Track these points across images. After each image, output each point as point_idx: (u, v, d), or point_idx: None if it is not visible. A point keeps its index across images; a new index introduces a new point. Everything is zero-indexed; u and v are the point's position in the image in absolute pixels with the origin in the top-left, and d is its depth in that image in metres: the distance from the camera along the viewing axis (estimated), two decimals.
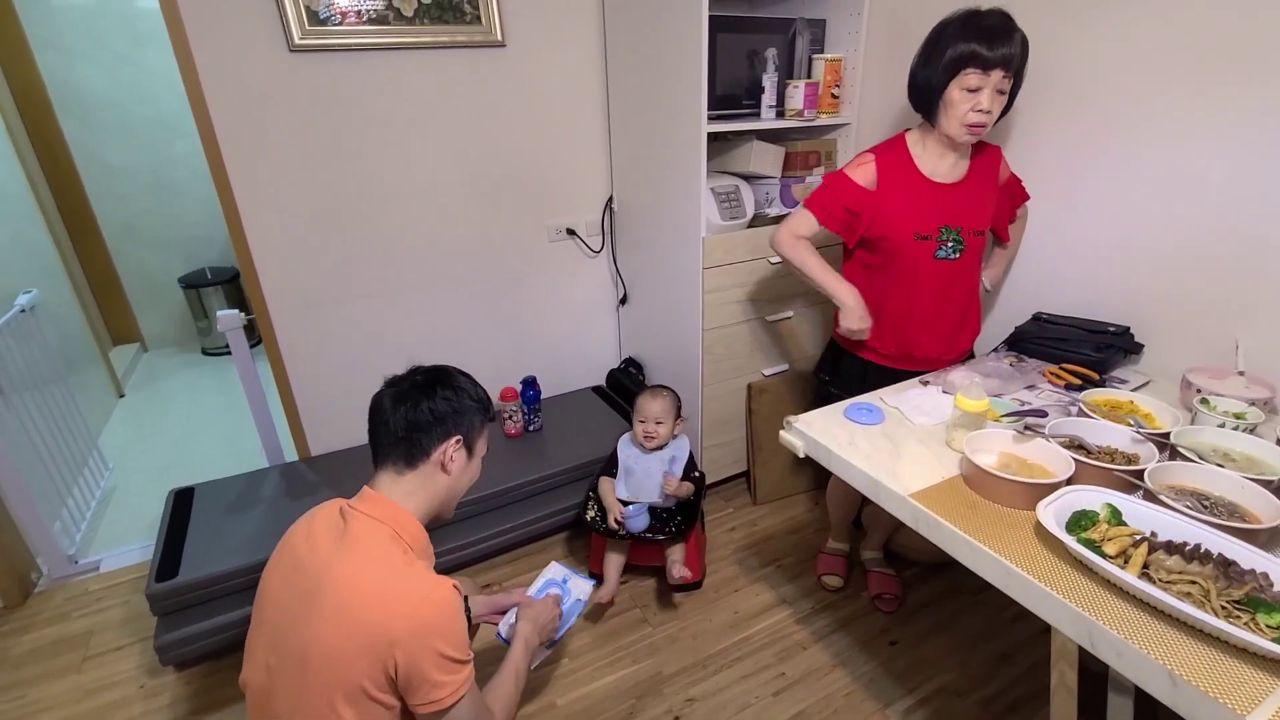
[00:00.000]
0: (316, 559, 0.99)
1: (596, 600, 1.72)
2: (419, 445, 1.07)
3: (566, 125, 2.18)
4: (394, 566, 0.97)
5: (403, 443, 1.07)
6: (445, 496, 1.13)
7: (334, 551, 0.98)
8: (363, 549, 0.98)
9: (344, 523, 1.03)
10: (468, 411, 1.12)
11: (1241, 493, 0.98)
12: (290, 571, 1.02)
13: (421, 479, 1.08)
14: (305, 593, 0.96)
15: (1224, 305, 1.36)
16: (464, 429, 1.11)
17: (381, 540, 1.00)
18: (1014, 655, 1.64)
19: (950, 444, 1.21)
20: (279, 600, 1.01)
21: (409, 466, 1.08)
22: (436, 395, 1.09)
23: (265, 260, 1.89)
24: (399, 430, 1.07)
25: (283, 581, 1.02)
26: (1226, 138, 1.29)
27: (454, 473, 1.11)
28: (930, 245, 1.44)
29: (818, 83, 1.90)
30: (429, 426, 1.08)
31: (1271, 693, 0.71)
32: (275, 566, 1.06)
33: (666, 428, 1.82)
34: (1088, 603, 0.84)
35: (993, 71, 1.27)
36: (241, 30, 1.68)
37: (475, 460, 1.17)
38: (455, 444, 1.10)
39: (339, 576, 0.94)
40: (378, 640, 0.90)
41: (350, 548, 0.98)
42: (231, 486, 1.98)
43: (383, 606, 0.92)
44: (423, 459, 1.08)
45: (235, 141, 1.76)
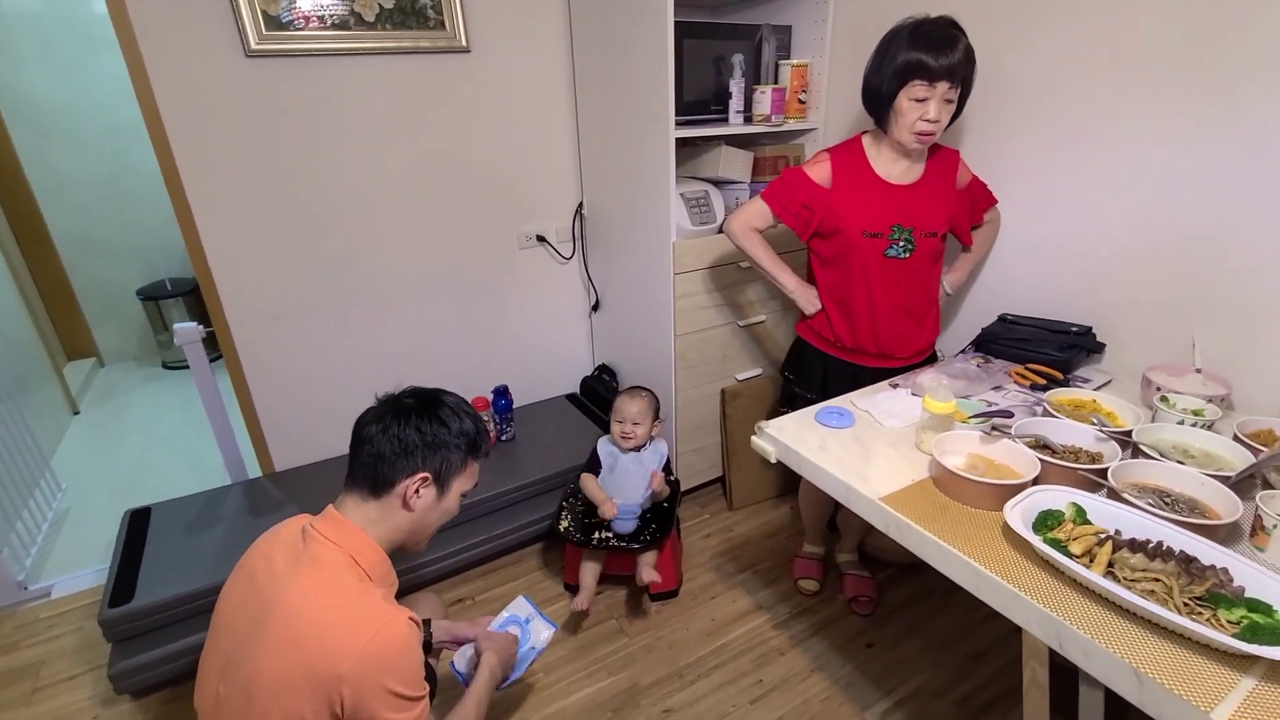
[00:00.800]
0: (272, 582, 0.95)
1: (573, 609, 1.70)
2: (382, 475, 1.00)
3: (534, 131, 2.16)
4: (346, 597, 0.92)
5: (368, 469, 1.01)
6: (409, 530, 1.05)
7: (288, 575, 0.94)
8: (317, 575, 0.94)
9: (303, 544, 0.98)
10: (445, 446, 1.04)
11: (1201, 489, 0.99)
12: (244, 593, 0.98)
13: (384, 509, 1.02)
14: (255, 619, 0.92)
15: (1181, 304, 1.39)
16: (436, 465, 1.03)
17: (338, 567, 0.95)
18: (987, 654, 1.65)
19: (919, 446, 1.22)
20: (231, 623, 0.97)
21: (372, 494, 1.01)
22: (411, 424, 1.01)
23: (224, 271, 1.84)
24: (366, 455, 1.01)
25: (235, 604, 0.98)
26: (1178, 143, 1.32)
27: (418, 510, 1.03)
28: (880, 244, 1.45)
29: (784, 88, 1.91)
30: (395, 458, 1.00)
31: (1234, 688, 0.72)
32: (232, 586, 1.02)
33: (644, 428, 1.81)
34: (1055, 603, 0.85)
35: (938, 83, 1.30)
36: (195, 35, 1.63)
37: (449, 498, 1.08)
38: (421, 480, 1.02)
39: (289, 604, 0.90)
40: (324, 675, 0.86)
41: (305, 572, 0.94)
42: (191, 505, 1.91)
43: (332, 640, 0.87)
44: (386, 490, 1.01)
45: (190, 149, 1.71)
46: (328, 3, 1.74)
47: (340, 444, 2.11)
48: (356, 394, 2.11)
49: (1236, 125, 1.24)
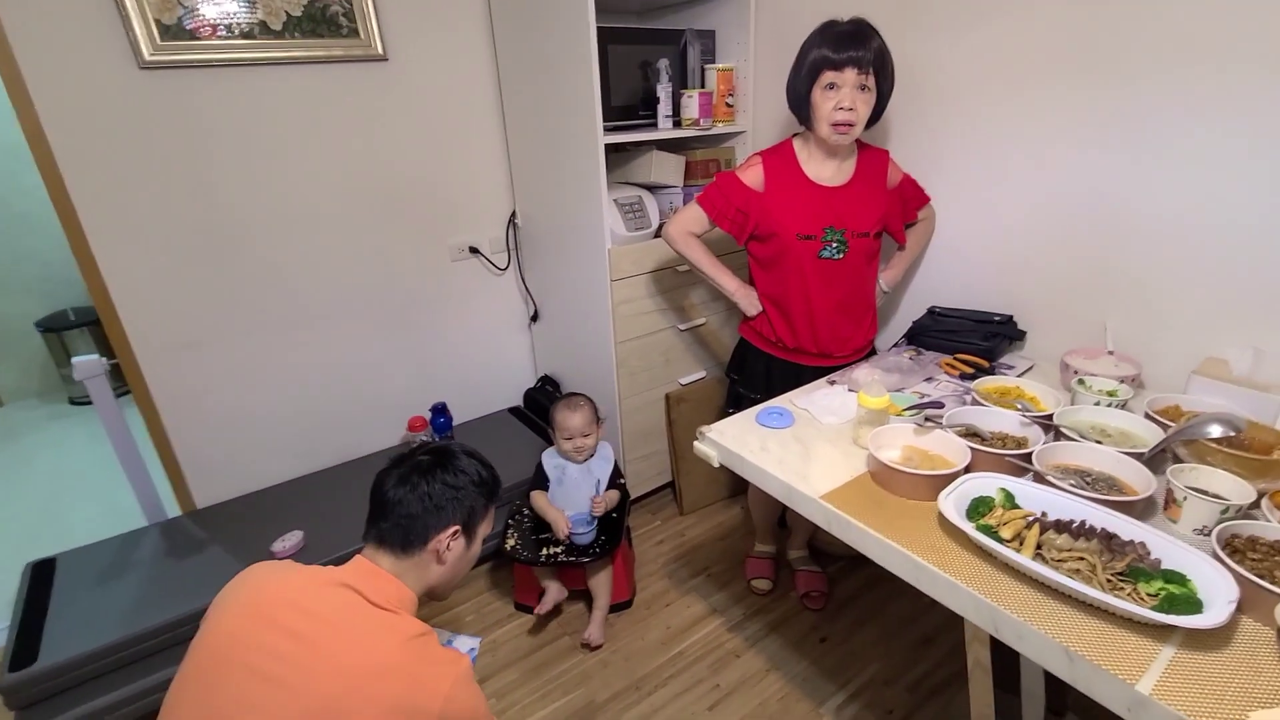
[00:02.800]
0: (303, 647, 0.86)
1: (590, 643, 1.69)
2: (414, 533, 1.00)
3: (460, 140, 2.11)
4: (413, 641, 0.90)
5: (399, 530, 1.01)
6: (439, 582, 1.06)
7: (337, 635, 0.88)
8: (374, 624, 0.90)
9: (354, 600, 0.92)
10: (469, 496, 1.06)
11: (1118, 466, 1.04)
12: (268, 640, 0.87)
13: (415, 565, 1.01)
14: (301, 663, 0.85)
15: (1091, 291, 1.46)
16: (463, 516, 1.05)
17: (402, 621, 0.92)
18: (935, 638, 1.69)
19: (857, 441, 1.23)
20: (253, 667, 0.86)
21: (404, 553, 1.01)
22: (436, 481, 1.03)
23: (127, 299, 1.71)
24: (398, 516, 1.01)
25: (254, 649, 0.87)
26: (1079, 140, 1.39)
27: (449, 561, 1.05)
28: (814, 245, 1.47)
29: (711, 92, 1.92)
30: (427, 515, 1.01)
31: (1156, 658, 0.75)
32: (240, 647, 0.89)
33: (593, 439, 1.78)
34: (990, 588, 0.87)
35: (845, 69, 1.33)
36: (80, 47, 1.52)
37: (476, 543, 1.11)
38: (453, 534, 1.03)
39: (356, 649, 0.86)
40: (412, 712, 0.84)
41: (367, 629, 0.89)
42: (102, 552, 1.76)
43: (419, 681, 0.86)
44: (419, 547, 1.01)
45: (81, 170, 1.58)
46: (230, 10, 1.64)
47: (269, 474, 2.02)
48: (283, 421, 2.02)
49: (1129, 122, 1.31)
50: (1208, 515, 0.90)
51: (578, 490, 1.77)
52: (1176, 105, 1.25)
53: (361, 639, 0.88)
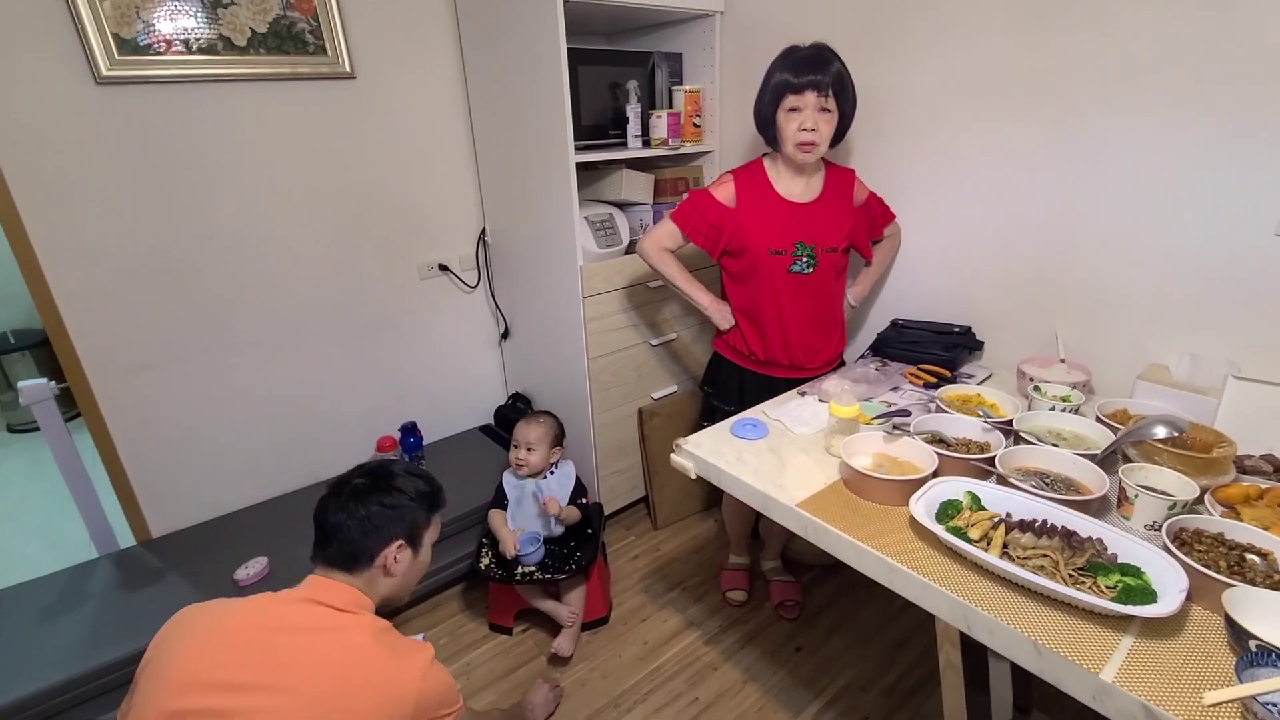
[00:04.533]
0: (275, 659, 0.91)
1: (559, 654, 1.67)
2: (358, 554, 1.06)
3: (429, 158, 2.10)
4: (380, 639, 0.98)
5: (342, 552, 1.06)
6: (391, 592, 1.11)
7: (305, 637, 0.95)
8: (338, 630, 0.97)
9: (314, 611, 0.99)
10: (409, 512, 1.11)
11: (1074, 468, 1.09)
12: (244, 658, 0.91)
13: (366, 579, 1.07)
14: (278, 682, 0.89)
15: (1043, 301, 1.54)
16: (405, 530, 1.10)
17: (358, 612, 1.01)
18: (907, 641, 1.73)
19: (829, 450, 1.26)
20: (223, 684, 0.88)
21: (352, 571, 1.06)
22: (372, 503, 1.08)
23: (79, 320, 1.64)
24: (339, 541, 1.06)
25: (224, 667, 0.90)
26: (1029, 159, 1.48)
27: (399, 573, 1.10)
28: (785, 260, 1.52)
29: (679, 112, 1.97)
30: (367, 535, 1.06)
31: (1117, 647, 0.79)
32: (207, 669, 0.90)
33: (538, 455, 1.76)
34: (961, 588, 0.90)
35: (806, 93, 1.40)
36: (32, 61, 1.47)
37: (424, 552, 1.16)
38: (397, 548, 1.08)
39: (335, 656, 0.93)
40: (393, 707, 0.91)
41: (325, 635, 0.96)
42: (48, 587, 1.67)
43: (393, 674, 0.94)
44: (366, 564, 1.06)
45: (30, 187, 1.52)
46: (191, 26, 1.62)
47: (229, 500, 1.95)
48: (246, 443, 1.96)
49: (1076, 147, 1.40)
50: (1157, 511, 0.96)
51: (537, 508, 1.76)
52: (1118, 133, 1.34)
53: (337, 640, 0.95)
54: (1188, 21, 1.20)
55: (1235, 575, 0.83)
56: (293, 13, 1.74)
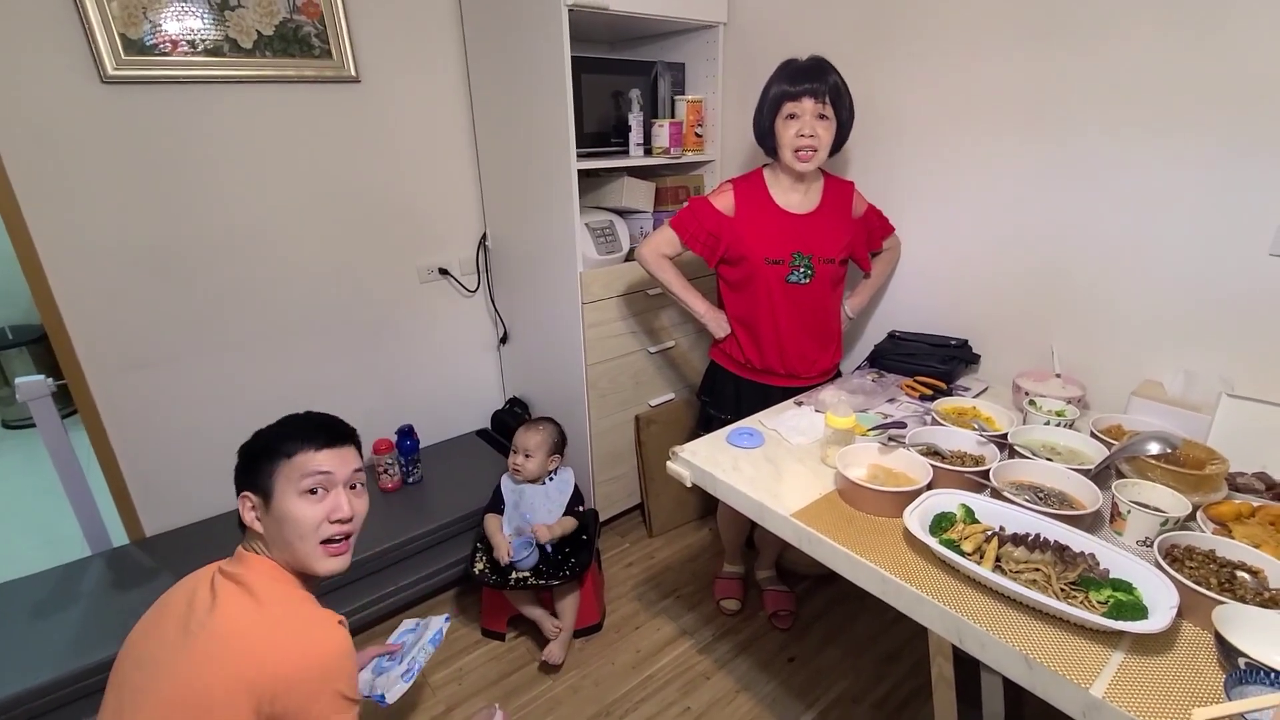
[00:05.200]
0: (191, 613, 0.93)
1: (550, 661, 1.65)
2: (238, 518, 1.04)
3: (432, 162, 2.11)
4: (283, 605, 0.94)
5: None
6: (281, 552, 1.02)
7: (212, 602, 0.93)
8: (245, 592, 0.94)
9: (220, 579, 0.97)
10: (248, 461, 1.04)
11: (1068, 482, 1.10)
12: (159, 631, 0.94)
13: (256, 542, 1.03)
14: (173, 645, 0.89)
15: (1039, 316, 1.55)
16: (250, 484, 1.03)
17: (264, 581, 0.96)
18: (900, 654, 1.73)
19: (824, 460, 1.27)
20: (140, 660, 0.92)
21: (242, 534, 1.05)
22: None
23: (78, 317, 1.65)
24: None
25: (147, 642, 0.94)
26: (1027, 175, 1.49)
27: (266, 529, 1.02)
28: (782, 270, 1.53)
29: (681, 122, 1.98)
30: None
31: (1107, 662, 0.79)
32: (143, 631, 0.97)
33: (535, 461, 1.76)
34: (954, 600, 0.90)
35: (803, 99, 1.42)
36: (38, 59, 1.48)
37: (285, 504, 0.99)
38: (246, 505, 1.03)
39: (218, 621, 0.90)
40: (261, 681, 0.85)
41: (232, 592, 0.94)
42: (40, 584, 1.66)
43: (274, 645, 0.88)
44: (242, 527, 1.04)
45: (33, 183, 1.53)
46: (198, 27, 1.63)
47: (225, 500, 1.94)
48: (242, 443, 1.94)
49: (1069, 159, 1.42)
50: (1149, 527, 0.96)
51: (534, 513, 1.76)
52: (1113, 151, 1.35)
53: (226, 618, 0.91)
54: (1181, 45, 1.22)
55: (1226, 592, 0.83)
56: (299, 16, 1.75)
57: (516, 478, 1.77)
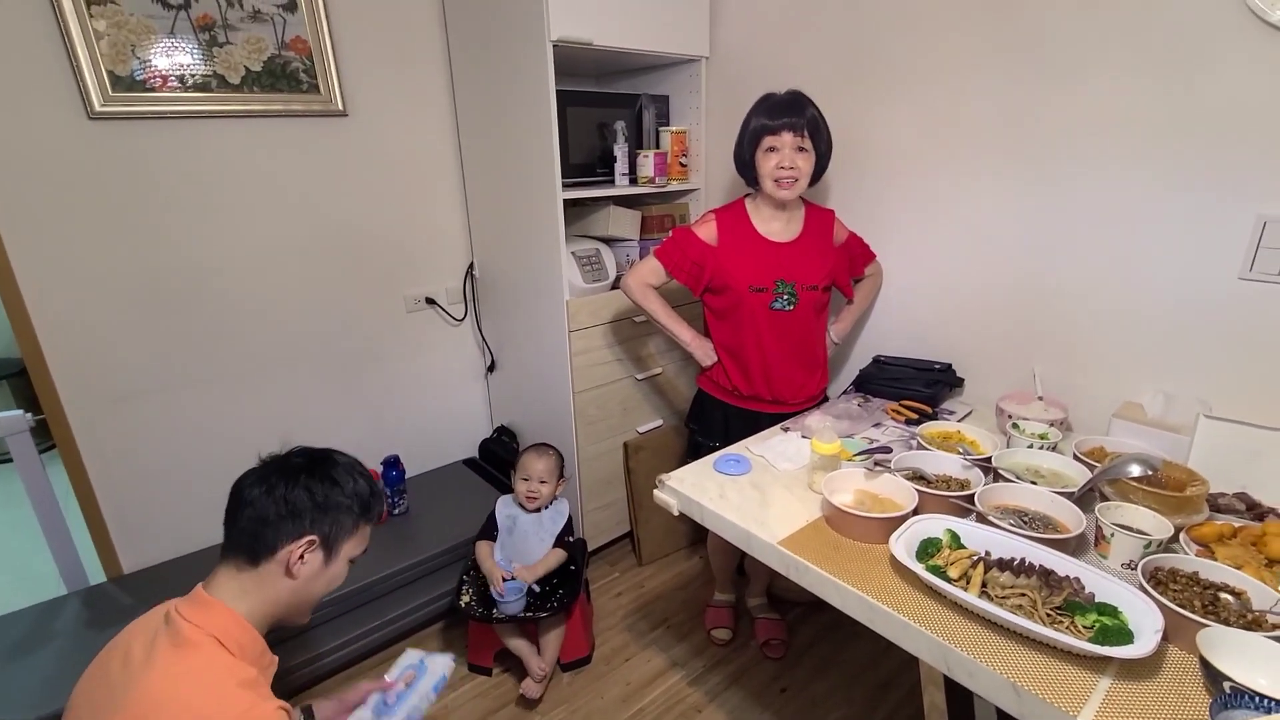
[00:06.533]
0: (126, 671, 0.85)
1: (529, 696, 1.62)
2: (263, 540, 0.93)
3: (419, 194, 2.13)
4: (210, 680, 0.84)
5: (248, 537, 0.93)
6: (289, 602, 0.97)
7: (145, 661, 0.84)
8: (177, 658, 0.84)
9: (165, 628, 0.88)
10: (336, 508, 0.98)
11: (1052, 505, 1.10)
12: (95, 688, 0.87)
13: (262, 579, 0.94)
14: (102, 711, 0.82)
15: (1021, 340, 1.57)
16: (325, 528, 0.97)
17: (202, 649, 0.86)
18: (893, 681, 1.71)
19: (811, 486, 1.27)
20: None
21: (250, 563, 0.93)
22: (300, 484, 0.95)
23: (59, 349, 1.63)
24: (246, 519, 0.93)
25: (84, 702, 0.87)
26: (1007, 202, 1.53)
27: (301, 577, 0.96)
28: (766, 297, 1.55)
29: (666, 152, 2.01)
30: (279, 521, 0.93)
31: (1095, 689, 0.79)
32: (81, 687, 0.91)
33: (550, 487, 1.76)
34: (941, 628, 0.90)
35: (782, 133, 1.45)
36: (25, 95, 1.49)
37: (337, 564, 1.01)
38: (308, 545, 0.95)
39: (142, 689, 0.81)
40: None
41: (163, 655, 0.84)
42: (13, 625, 1.62)
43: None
44: (267, 556, 0.93)
45: (17, 217, 1.53)
46: (187, 63, 1.65)
47: (206, 535, 1.91)
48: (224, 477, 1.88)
49: (1046, 188, 1.45)
50: (1133, 550, 0.97)
51: (526, 541, 1.74)
52: (1088, 180, 1.39)
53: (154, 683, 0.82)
54: (1151, 81, 1.26)
55: (1210, 615, 0.83)
56: (287, 52, 1.78)
57: (531, 505, 1.75)
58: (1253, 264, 1.21)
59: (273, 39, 1.75)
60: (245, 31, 1.71)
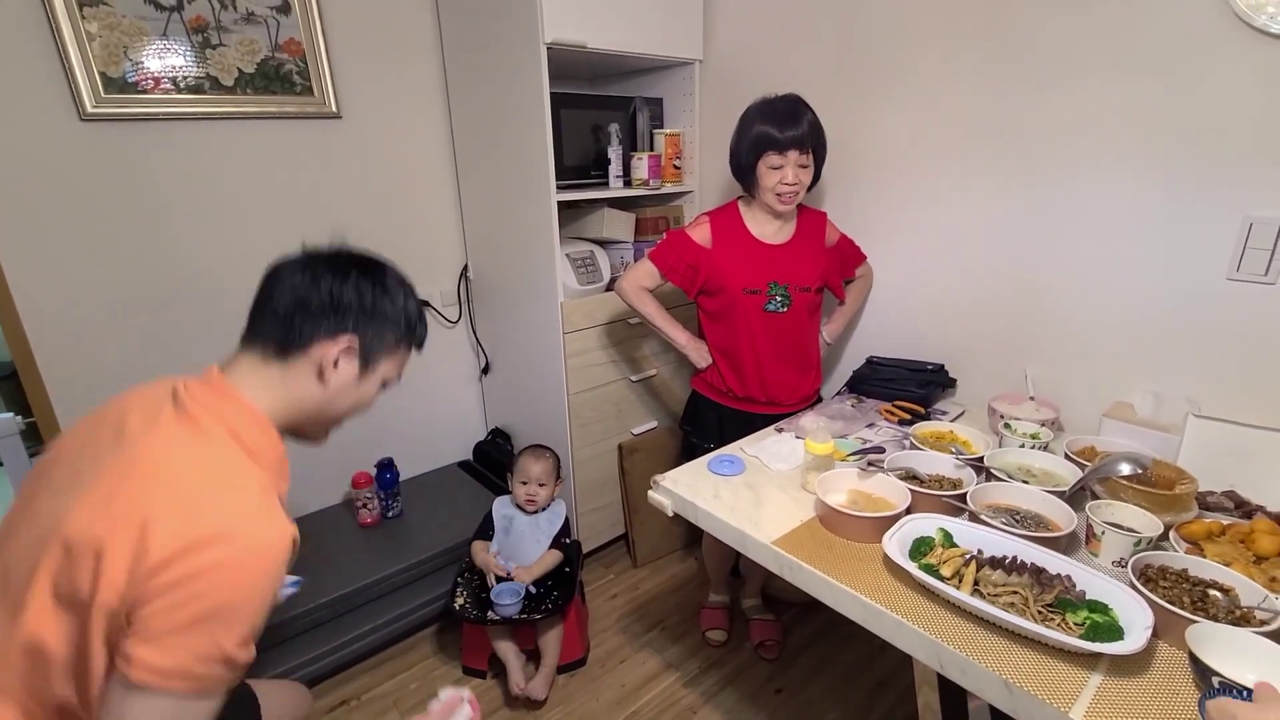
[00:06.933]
0: (118, 440, 0.74)
1: (533, 697, 1.61)
2: (298, 331, 0.81)
3: (413, 196, 2.13)
4: (216, 467, 0.73)
5: (281, 322, 0.81)
6: (313, 412, 0.86)
7: (143, 430, 0.74)
8: (184, 433, 0.74)
9: (172, 406, 0.77)
10: (381, 318, 0.87)
11: (1043, 504, 1.11)
12: (73, 461, 0.76)
13: (289, 377, 0.82)
14: (76, 476, 0.73)
15: (1013, 340, 1.59)
16: (366, 333, 0.85)
17: (213, 435, 0.75)
18: (889, 681, 1.71)
19: (805, 487, 1.27)
20: (45, 480, 0.77)
21: (278, 356, 0.81)
22: (350, 281, 0.84)
23: (50, 352, 1.62)
24: (282, 305, 0.81)
25: (58, 463, 0.78)
26: (999, 204, 1.54)
27: (333, 387, 0.84)
28: (759, 299, 1.55)
29: (660, 155, 2.02)
30: (320, 312, 0.82)
31: (1086, 685, 0.79)
32: (63, 446, 0.80)
33: (548, 490, 1.76)
34: (934, 626, 0.90)
35: (788, 152, 1.44)
36: (17, 95, 1.48)
37: (371, 381, 0.89)
38: (346, 347, 0.83)
39: (138, 450, 0.71)
40: (137, 554, 0.64)
41: (166, 428, 0.74)
42: None
43: (166, 509, 0.66)
44: (298, 352, 0.81)
45: (7, 219, 1.52)
46: (179, 65, 1.65)
47: None
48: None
49: (1037, 191, 1.47)
50: (1124, 548, 0.97)
51: (523, 542, 1.74)
52: (1077, 183, 1.40)
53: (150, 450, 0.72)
54: (1140, 85, 1.28)
55: (1199, 611, 0.84)
56: (281, 54, 1.78)
57: (530, 508, 1.75)
58: (1239, 264, 1.23)
59: (266, 41, 1.75)
60: (238, 33, 1.71)
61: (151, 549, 0.64)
